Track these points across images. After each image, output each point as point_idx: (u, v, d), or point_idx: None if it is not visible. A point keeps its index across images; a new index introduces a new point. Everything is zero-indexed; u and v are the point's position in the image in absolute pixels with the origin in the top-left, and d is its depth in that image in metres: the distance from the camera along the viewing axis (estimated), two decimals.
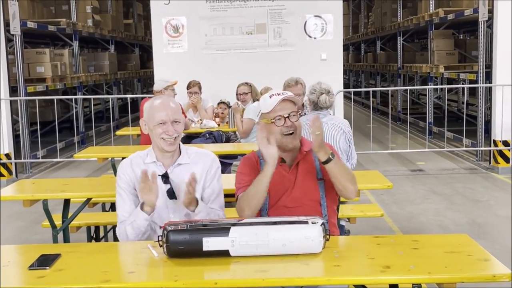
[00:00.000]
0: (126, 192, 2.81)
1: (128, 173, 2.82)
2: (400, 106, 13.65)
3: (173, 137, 2.75)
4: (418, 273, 2.19)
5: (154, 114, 2.75)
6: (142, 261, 2.39)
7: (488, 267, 2.26)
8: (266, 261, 2.32)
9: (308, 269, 2.27)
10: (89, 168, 8.84)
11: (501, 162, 8.20)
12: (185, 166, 2.85)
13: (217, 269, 2.29)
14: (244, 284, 2.30)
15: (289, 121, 2.75)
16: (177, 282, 2.16)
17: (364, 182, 4.02)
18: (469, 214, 6.13)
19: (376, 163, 8.65)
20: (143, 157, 2.87)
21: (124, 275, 2.29)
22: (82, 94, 11.79)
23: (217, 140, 6.49)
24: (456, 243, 2.50)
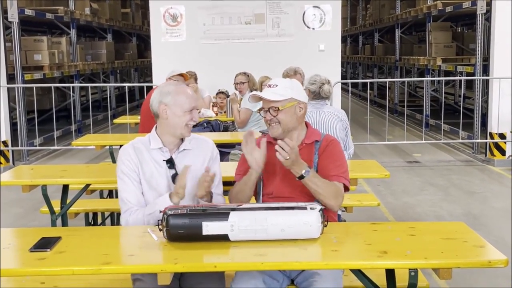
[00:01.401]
0: (131, 179, 2.79)
1: (132, 158, 2.81)
2: (397, 99, 13.67)
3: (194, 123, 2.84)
4: (414, 258, 2.22)
5: (183, 101, 2.78)
6: (142, 245, 2.41)
7: (484, 253, 2.29)
8: (264, 245, 2.35)
9: (306, 254, 2.30)
10: (86, 156, 8.85)
11: (497, 154, 8.24)
12: (188, 151, 2.89)
13: (216, 253, 2.32)
14: (243, 267, 2.33)
15: (268, 115, 2.81)
16: (176, 265, 2.19)
17: (361, 171, 4.05)
18: (464, 205, 6.18)
19: (372, 155, 8.68)
20: (145, 143, 2.87)
21: (124, 257, 2.32)
22: (79, 82, 11.77)
23: (214, 129, 6.49)
24: (453, 230, 2.53)
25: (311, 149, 2.86)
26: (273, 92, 2.82)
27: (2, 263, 2.18)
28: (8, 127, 8.43)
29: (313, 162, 2.83)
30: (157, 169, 2.82)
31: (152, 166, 2.82)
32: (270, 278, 2.63)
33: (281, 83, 2.85)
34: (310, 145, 2.86)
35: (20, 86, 8.77)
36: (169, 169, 2.83)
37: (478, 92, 8.88)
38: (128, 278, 2.77)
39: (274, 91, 2.82)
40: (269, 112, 2.81)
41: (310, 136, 2.89)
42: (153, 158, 2.83)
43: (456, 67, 10.15)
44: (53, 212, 3.87)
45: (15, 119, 9.09)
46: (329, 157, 2.84)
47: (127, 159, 2.82)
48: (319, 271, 2.57)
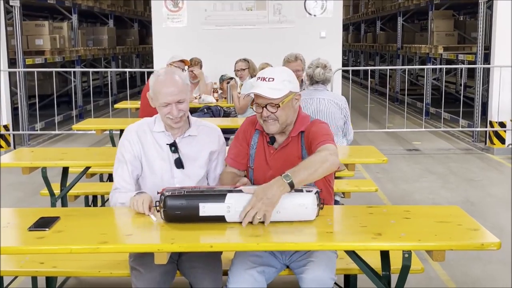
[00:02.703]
0: (128, 161, 2.79)
1: (134, 140, 2.81)
2: (398, 87, 13.65)
3: (179, 117, 2.73)
4: (408, 240, 2.25)
5: (158, 95, 2.70)
6: (139, 225, 2.44)
7: (477, 236, 2.31)
8: (260, 227, 2.37)
9: (301, 235, 2.32)
10: (87, 141, 8.87)
11: (497, 143, 8.25)
12: (194, 137, 2.85)
13: (212, 233, 2.34)
14: (238, 247, 2.36)
15: (266, 112, 2.64)
16: (173, 245, 2.21)
17: (360, 156, 4.07)
18: (462, 192, 6.21)
19: (372, 142, 8.69)
20: (150, 124, 2.85)
21: (122, 237, 2.34)
22: (80, 68, 11.77)
23: (214, 115, 6.52)
24: (447, 214, 2.56)
25: (297, 141, 2.75)
26: (271, 87, 2.60)
27: (2, 242, 2.20)
28: (9, 111, 8.45)
29: (301, 155, 2.72)
30: (159, 152, 2.81)
31: (154, 149, 2.81)
32: (268, 266, 2.65)
33: (278, 76, 2.64)
34: (295, 137, 2.75)
35: (21, 71, 8.78)
36: (172, 153, 2.81)
37: (479, 80, 8.87)
38: (125, 260, 2.80)
39: (272, 86, 2.61)
40: (266, 108, 2.63)
41: (298, 127, 2.74)
42: (156, 141, 2.82)
43: (457, 56, 10.13)
44: (53, 194, 3.90)
45: (16, 104, 9.10)
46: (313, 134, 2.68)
47: (129, 140, 2.81)
48: (312, 257, 2.59)
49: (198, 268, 2.73)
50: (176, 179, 2.81)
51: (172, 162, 2.80)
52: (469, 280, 4.02)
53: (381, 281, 2.47)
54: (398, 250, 2.28)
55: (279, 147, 2.76)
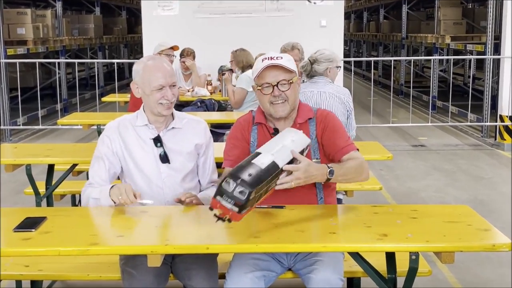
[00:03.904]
0: (105, 158, 2.82)
1: (114, 137, 2.85)
2: (403, 79, 13.67)
3: (171, 101, 2.79)
4: (415, 241, 2.26)
5: (150, 78, 2.75)
6: (131, 225, 2.45)
7: (488, 236, 2.33)
8: (259, 226, 2.38)
9: (303, 236, 2.33)
10: (73, 136, 8.86)
11: (507, 138, 8.27)
12: (178, 130, 2.90)
13: (209, 234, 2.35)
14: (237, 249, 2.37)
15: (277, 90, 2.67)
16: (167, 247, 2.23)
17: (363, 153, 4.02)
18: (471, 191, 6.23)
19: (375, 137, 8.69)
20: (132, 120, 2.90)
21: (113, 238, 2.35)
22: (65, 58, 11.75)
23: (208, 109, 6.52)
24: (456, 214, 2.57)
25: (305, 128, 2.76)
26: (281, 62, 2.66)
27: None
28: None
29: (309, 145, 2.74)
30: (143, 147, 2.84)
31: (138, 145, 2.84)
32: (268, 271, 2.66)
33: (285, 56, 2.73)
34: (303, 124, 2.78)
35: (2, 62, 8.75)
36: (157, 148, 2.84)
37: (489, 72, 8.89)
38: (116, 262, 2.81)
39: (283, 62, 2.67)
40: (277, 87, 2.67)
41: (302, 114, 2.79)
42: (139, 136, 2.85)
43: (465, 46, 10.15)
44: (38, 193, 3.90)
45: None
46: (333, 133, 2.76)
47: (109, 136, 2.85)
48: (320, 256, 2.60)
49: (192, 270, 2.74)
50: (163, 174, 2.84)
51: (157, 157, 2.83)
52: (479, 283, 4.03)
53: (386, 285, 2.49)
54: (405, 251, 2.29)
55: None
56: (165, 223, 2.48)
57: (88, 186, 2.81)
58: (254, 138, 2.80)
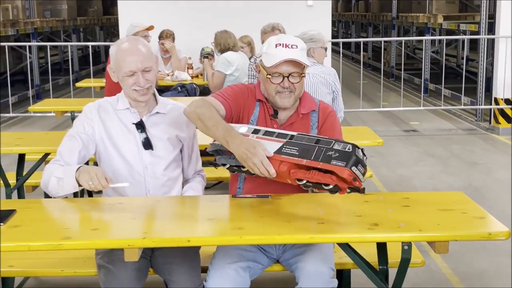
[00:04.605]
0: (78, 138, 2.76)
1: (93, 119, 2.79)
2: (394, 61, 13.69)
3: (146, 88, 2.74)
4: (408, 230, 2.25)
5: (122, 64, 2.71)
6: (107, 218, 2.42)
7: (484, 224, 2.33)
8: (244, 217, 2.36)
9: (289, 227, 2.31)
10: (45, 125, 8.77)
11: (502, 122, 8.32)
12: (162, 116, 2.86)
13: (189, 226, 2.33)
14: (219, 241, 2.35)
15: (287, 82, 2.67)
16: (145, 240, 2.19)
17: (352, 138, 4.03)
18: (465, 177, 6.26)
19: (365, 123, 8.70)
20: (113, 103, 2.84)
21: (87, 232, 2.31)
22: (36, 42, 11.60)
23: (190, 94, 6.49)
24: (450, 201, 2.57)
25: (307, 120, 2.80)
26: (299, 56, 2.65)
27: None
28: None
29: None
30: (124, 133, 2.80)
31: (119, 130, 2.80)
32: (254, 262, 2.65)
33: (299, 43, 2.69)
34: (306, 115, 2.80)
35: None
36: (139, 133, 2.81)
37: (483, 53, 8.91)
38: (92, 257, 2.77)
39: (298, 54, 2.65)
40: (288, 79, 2.66)
41: (305, 104, 2.80)
42: (120, 120, 2.81)
43: (459, 26, 10.17)
44: (8, 184, 3.85)
45: None
46: (331, 133, 2.77)
47: (87, 117, 2.80)
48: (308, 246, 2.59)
49: (173, 264, 2.72)
50: (146, 161, 2.81)
51: (139, 143, 2.80)
52: (474, 273, 4.05)
53: (378, 276, 2.48)
54: (397, 241, 2.28)
55: (286, 123, 2.77)
56: (143, 215, 2.44)
57: (54, 162, 2.72)
58: (255, 116, 2.77)
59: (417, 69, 12.53)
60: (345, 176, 2.28)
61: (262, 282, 2.65)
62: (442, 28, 11.42)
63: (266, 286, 3.56)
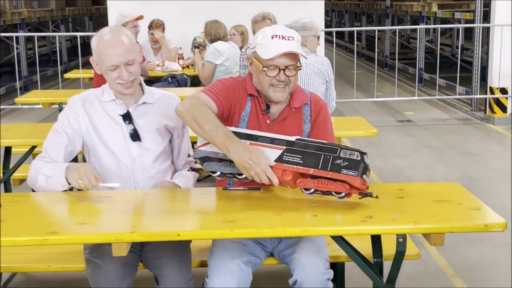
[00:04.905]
0: (63, 133, 2.73)
1: (78, 112, 2.76)
2: (388, 51, 13.66)
3: (130, 81, 2.70)
4: (402, 222, 2.23)
5: (104, 57, 2.67)
6: (95, 211, 2.39)
7: (480, 216, 2.31)
8: (235, 210, 2.33)
9: (281, 220, 2.29)
10: (33, 117, 8.71)
11: (498, 111, 8.32)
12: (149, 106, 2.83)
13: (179, 220, 2.30)
14: (210, 235, 2.32)
15: (283, 75, 2.61)
16: (133, 234, 2.16)
17: (346, 129, 4.06)
18: (460, 168, 6.25)
19: (359, 113, 8.66)
20: (98, 95, 2.81)
21: (74, 226, 2.28)
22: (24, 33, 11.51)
23: (180, 84, 6.47)
24: (446, 192, 2.55)
25: (299, 114, 2.74)
26: (297, 48, 2.60)
27: None
28: None
29: (303, 130, 2.73)
30: (111, 125, 2.77)
31: (105, 122, 2.77)
32: (253, 256, 2.63)
33: (295, 35, 2.64)
34: (298, 109, 2.74)
35: None
36: (126, 125, 2.77)
37: (478, 42, 8.90)
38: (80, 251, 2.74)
39: (296, 46, 2.60)
40: (284, 72, 2.60)
41: (297, 97, 2.74)
42: (106, 112, 2.78)
43: (453, 14, 10.14)
44: None
45: None
46: (324, 127, 2.76)
47: (72, 110, 2.77)
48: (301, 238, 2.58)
49: (163, 259, 2.69)
50: (134, 153, 2.77)
51: (126, 135, 2.76)
52: (469, 265, 4.05)
53: (372, 269, 2.46)
54: (392, 234, 2.26)
55: (278, 118, 2.72)
56: (132, 208, 2.41)
57: (40, 159, 2.69)
58: (247, 112, 2.71)
59: (411, 59, 12.52)
60: (357, 185, 2.33)
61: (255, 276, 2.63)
62: (437, 17, 11.40)
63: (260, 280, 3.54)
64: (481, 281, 3.83)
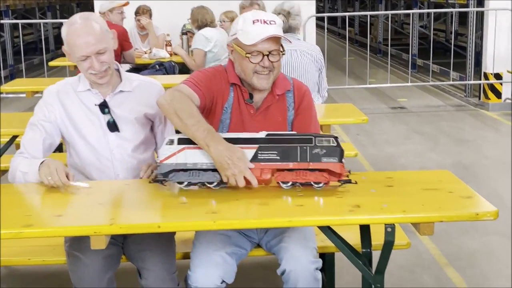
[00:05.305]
0: (40, 127, 2.67)
1: (53, 103, 2.70)
2: (381, 36, 13.62)
3: (103, 70, 2.63)
4: (391, 212, 2.19)
5: (73, 48, 2.59)
6: (72, 203, 2.34)
7: (471, 204, 2.27)
8: (218, 201, 2.28)
9: (265, 209, 2.24)
10: (18, 106, 8.63)
11: (492, 97, 8.30)
12: (128, 94, 2.76)
13: (161, 211, 2.25)
14: (192, 227, 2.27)
15: (267, 61, 2.54)
16: (112, 226, 2.11)
17: (336, 116, 4.02)
18: (454, 155, 6.23)
19: (352, 100, 8.63)
20: (74, 85, 2.75)
21: (50, 218, 2.22)
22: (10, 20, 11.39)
23: (168, 72, 6.41)
24: (436, 180, 2.51)
25: (283, 101, 2.68)
26: (279, 32, 2.53)
27: None
28: None
29: (287, 118, 2.67)
30: (88, 115, 2.71)
31: (81, 113, 2.71)
32: (238, 247, 2.59)
33: (276, 19, 2.58)
34: (281, 96, 2.67)
35: None
36: (103, 115, 2.71)
37: (472, 26, 8.87)
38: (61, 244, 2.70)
39: (280, 30, 2.54)
40: (268, 57, 2.53)
41: (280, 84, 2.66)
42: (82, 103, 2.71)
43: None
44: None
45: None
46: (309, 115, 2.70)
47: (49, 104, 2.70)
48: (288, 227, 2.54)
49: (147, 251, 2.65)
50: (112, 144, 2.72)
51: (104, 126, 2.70)
52: (463, 254, 4.02)
53: (361, 260, 2.43)
54: (380, 224, 2.22)
55: (262, 107, 2.66)
56: (111, 199, 2.36)
57: (19, 155, 2.64)
58: (229, 103, 2.63)
59: (405, 45, 12.45)
60: (339, 171, 2.31)
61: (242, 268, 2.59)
62: (430, 2, 11.35)
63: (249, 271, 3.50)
64: (474, 270, 3.81)
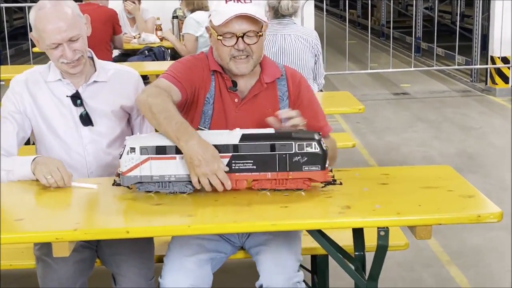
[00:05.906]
0: (12, 120, 2.54)
1: (22, 93, 2.56)
2: (384, 19, 13.50)
3: (76, 59, 2.49)
4: (384, 214, 2.04)
5: (42, 34, 2.45)
6: (35, 206, 2.22)
7: (473, 204, 2.12)
8: (195, 203, 2.14)
9: (247, 212, 2.09)
10: None
11: (499, 82, 8.18)
12: (102, 84, 2.62)
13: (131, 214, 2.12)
14: (165, 231, 2.13)
15: (242, 43, 2.37)
16: (76, 232, 1.96)
17: (331, 105, 3.91)
18: (459, 143, 6.12)
19: (353, 86, 8.56)
20: (43, 74, 2.60)
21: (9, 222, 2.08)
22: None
23: (158, 58, 6.28)
24: (435, 177, 2.36)
25: (273, 90, 2.52)
26: (254, 11, 2.35)
27: None
28: None
29: (279, 109, 2.47)
30: (59, 108, 2.57)
31: (52, 104, 2.57)
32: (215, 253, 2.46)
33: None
34: (271, 84, 2.52)
35: None
36: (76, 108, 2.57)
37: (478, 8, 8.74)
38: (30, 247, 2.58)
39: (252, 9, 2.35)
40: (243, 39, 2.37)
41: (268, 71, 2.51)
42: (52, 94, 2.58)
43: None
44: None
45: None
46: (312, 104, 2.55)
47: (17, 94, 2.56)
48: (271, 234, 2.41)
49: (122, 256, 2.53)
50: (86, 139, 2.58)
51: (76, 119, 2.57)
52: (467, 250, 3.93)
53: (353, 264, 2.30)
54: (371, 227, 2.07)
55: (248, 96, 2.49)
56: (79, 201, 2.21)
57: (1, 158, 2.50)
58: (211, 93, 2.47)
59: (408, 27, 12.33)
60: (323, 179, 2.17)
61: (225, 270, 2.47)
62: None
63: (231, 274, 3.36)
64: (478, 268, 3.70)
